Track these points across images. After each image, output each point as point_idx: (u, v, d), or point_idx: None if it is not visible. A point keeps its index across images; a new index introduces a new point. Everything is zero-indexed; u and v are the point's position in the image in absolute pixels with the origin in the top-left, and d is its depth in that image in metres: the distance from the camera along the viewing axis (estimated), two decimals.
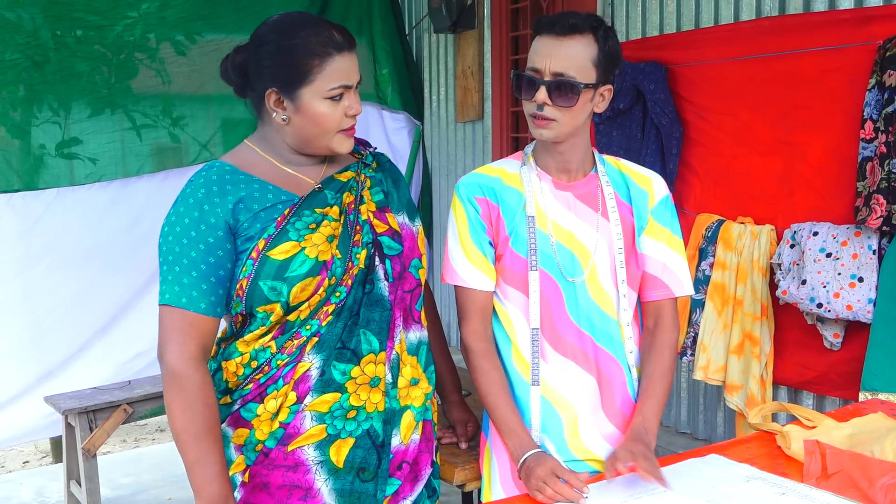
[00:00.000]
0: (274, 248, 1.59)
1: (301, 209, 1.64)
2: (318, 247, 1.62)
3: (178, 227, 1.61)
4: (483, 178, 1.86)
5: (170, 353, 1.59)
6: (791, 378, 3.08)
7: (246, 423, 1.65)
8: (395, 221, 1.75)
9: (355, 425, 1.66)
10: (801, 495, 1.46)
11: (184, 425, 1.58)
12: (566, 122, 1.74)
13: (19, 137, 3.87)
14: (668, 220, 1.87)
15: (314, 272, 1.60)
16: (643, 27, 3.64)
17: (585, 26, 1.71)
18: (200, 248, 1.59)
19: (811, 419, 1.82)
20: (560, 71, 1.70)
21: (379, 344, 1.68)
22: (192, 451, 1.58)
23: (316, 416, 1.63)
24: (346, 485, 1.66)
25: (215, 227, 1.60)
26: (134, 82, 4.11)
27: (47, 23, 3.82)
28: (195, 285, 1.59)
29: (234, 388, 1.67)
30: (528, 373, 1.82)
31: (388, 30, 4.90)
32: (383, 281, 1.70)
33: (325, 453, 1.64)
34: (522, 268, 1.81)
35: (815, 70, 2.88)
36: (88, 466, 3.59)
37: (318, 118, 1.63)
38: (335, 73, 1.61)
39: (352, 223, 1.69)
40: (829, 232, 2.80)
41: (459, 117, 4.87)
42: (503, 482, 1.89)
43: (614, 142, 3.53)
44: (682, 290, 1.87)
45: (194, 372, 1.59)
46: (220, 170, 1.66)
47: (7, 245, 3.79)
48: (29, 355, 3.85)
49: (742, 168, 3.19)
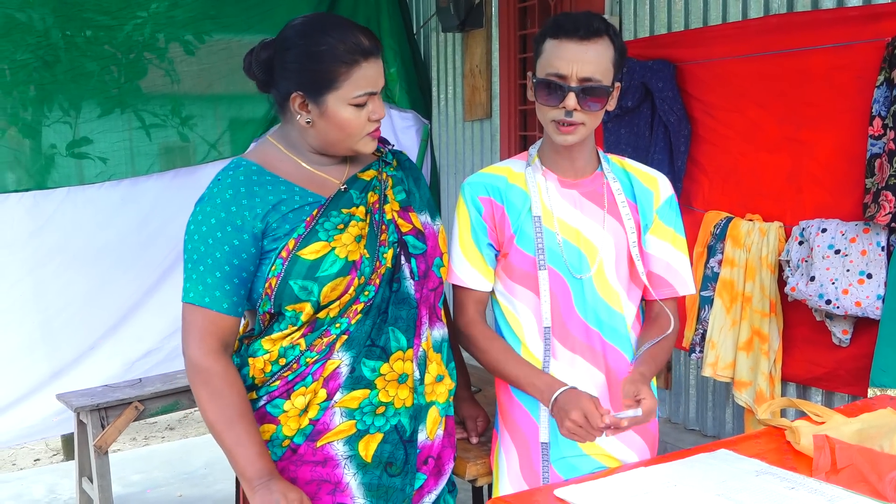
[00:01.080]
0: (304, 248, 1.61)
1: (329, 209, 1.65)
2: (348, 247, 1.63)
3: (204, 227, 1.62)
4: (488, 177, 1.88)
5: (191, 349, 1.62)
6: (800, 374, 3.08)
7: (273, 418, 1.67)
8: (419, 221, 1.77)
9: (384, 421, 1.68)
10: (810, 489, 1.46)
11: (215, 415, 1.60)
12: (591, 125, 1.77)
13: (30, 137, 3.90)
14: (672, 219, 1.88)
15: (344, 272, 1.62)
16: (651, 25, 3.64)
17: (602, 29, 1.72)
18: (226, 249, 1.61)
19: (820, 415, 1.81)
20: (588, 76, 1.70)
21: (407, 341, 1.70)
22: (228, 438, 1.60)
23: (346, 412, 1.65)
24: (374, 479, 1.68)
25: (242, 229, 1.61)
26: (143, 82, 4.15)
27: (58, 23, 3.85)
28: (219, 286, 1.61)
29: (260, 385, 1.68)
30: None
31: (396, 29, 4.92)
32: (409, 280, 1.72)
33: (354, 448, 1.66)
34: (530, 266, 1.82)
35: (823, 67, 2.88)
36: (100, 463, 3.61)
37: (343, 124, 1.63)
38: (361, 81, 1.61)
39: (377, 223, 1.70)
40: (837, 228, 2.80)
41: (467, 116, 4.88)
42: (512, 477, 1.90)
43: (622, 140, 3.54)
44: (685, 289, 1.89)
45: (215, 363, 1.62)
46: (248, 170, 1.66)
47: (18, 244, 3.82)
48: (40, 353, 3.89)
49: (750, 165, 3.19)
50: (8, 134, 3.83)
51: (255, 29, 4.22)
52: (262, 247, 1.63)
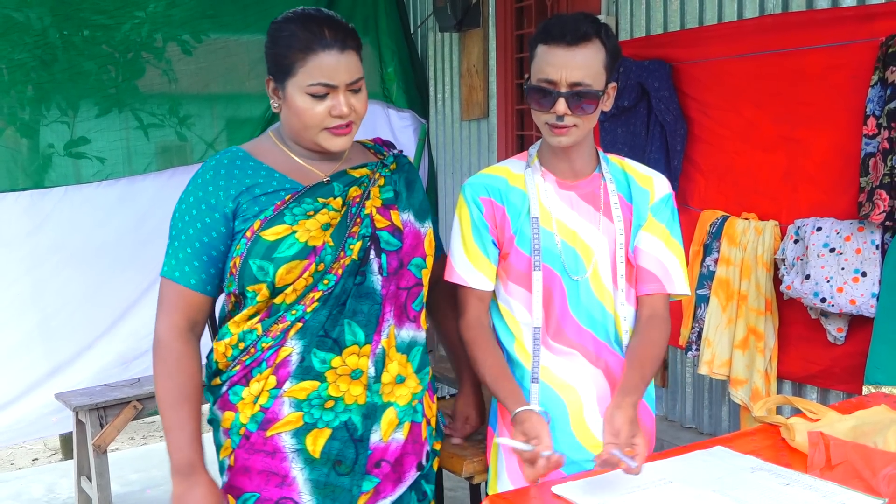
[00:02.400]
0: (267, 229, 1.62)
1: (303, 197, 1.66)
2: (311, 232, 1.63)
3: (183, 205, 1.68)
4: (488, 178, 1.88)
5: (158, 322, 1.68)
6: (795, 372, 3.10)
7: (232, 406, 1.68)
8: (399, 219, 1.75)
9: (333, 416, 1.66)
10: (805, 485, 1.47)
11: (162, 392, 1.66)
12: (584, 127, 1.77)
13: (28, 137, 3.90)
14: (666, 217, 1.86)
15: (301, 255, 1.62)
16: (647, 25, 3.65)
17: (593, 32, 1.71)
18: (198, 226, 1.66)
19: (815, 412, 1.82)
20: (577, 81, 1.70)
21: (365, 336, 1.68)
22: (168, 418, 1.65)
23: (294, 402, 1.65)
24: (322, 476, 1.66)
25: (214, 208, 1.65)
26: (141, 82, 4.14)
27: (55, 23, 3.84)
28: (188, 261, 1.66)
29: (223, 370, 1.71)
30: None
31: (393, 28, 4.92)
32: (376, 275, 1.70)
33: (302, 442, 1.65)
34: (527, 266, 1.83)
35: (818, 67, 2.89)
36: (99, 462, 3.62)
37: (298, 112, 1.64)
38: (316, 71, 1.61)
39: (352, 215, 1.69)
40: (832, 227, 2.82)
41: (465, 115, 4.89)
42: (510, 474, 1.91)
43: (619, 139, 3.55)
44: (673, 288, 1.85)
45: (176, 341, 1.67)
46: (234, 155, 1.70)
47: (16, 243, 3.81)
48: (39, 352, 3.88)
49: (746, 164, 3.20)
50: (6, 134, 3.82)
51: (252, 28, 4.23)
52: (232, 228, 1.66)
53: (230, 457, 1.69)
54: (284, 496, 1.65)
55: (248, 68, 4.31)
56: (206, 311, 1.73)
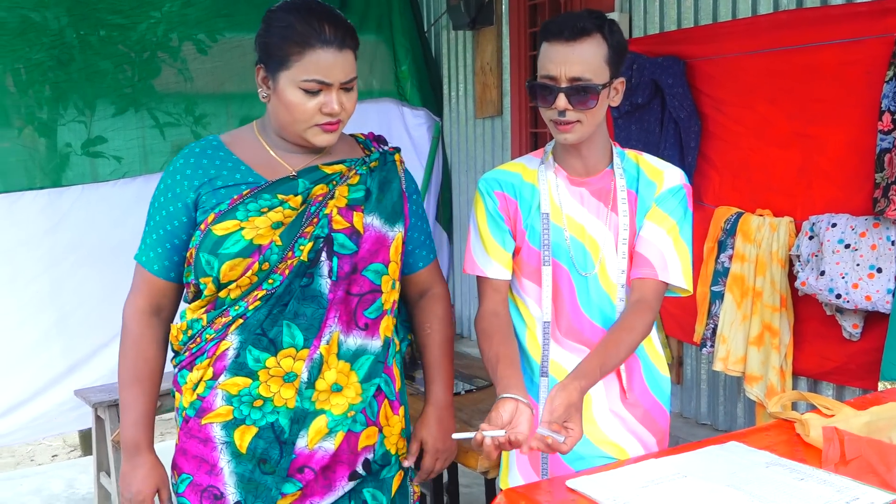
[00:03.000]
0: (218, 224, 1.62)
1: (262, 192, 1.64)
2: (259, 230, 1.62)
3: (156, 191, 1.73)
4: (502, 173, 1.90)
5: (125, 304, 1.74)
6: (811, 369, 3.09)
7: (179, 387, 1.72)
8: (361, 221, 1.70)
9: (260, 415, 1.65)
10: (819, 480, 1.47)
11: (119, 371, 1.73)
12: (589, 123, 1.76)
13: (46, 136, 3.94)
14: (672, 207, 1.82)
15: (245, 254, 1.61)
16: (661, 22, 3.64)
17: (593, 27, 1.72)
18: (163, 213, 1.70)
19: (830, 408, 1.81)
20: (576, 76, 1.71)
21: (304, 340, 1.65)
22: (122, 397, 1.73)
23: (226, 396, 1.65)
24: (247, 472, 1.66)
25: (178, 197, 1.68)
26: (157, 81, 4.17)
27: (72, 23, 3.88)
28: (154, 247, 1.71)
29: (177, 352, 1.74)
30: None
31: (407, 27, 4.93)
32: (325, 278, 1.66)
33: (231, 435, 1.66)
34: (537, 261, 1.85)
35: (832, 63, 2.88)
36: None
37: (289, 105, 1.62)
38: (312, 67, 1.59)
39: (310, 214, 1.66)
40: (847, 223, 2.81)
41: (478, 113, 4.89)
42: (521, 468, 1.93)
43: (633, 136, 3.55)
44: (667, 277, 1.79)
45: (136, 323, 1.72)
46: (207, 144, 1.72)
47: (34, 241, 3.85)
48: (57, 349, 3.92)
49: (760, 161, 3.19)
50: (24, 133, 3.87)
51: None
52: (194, 218, 1.67)
53: (177, 435, 1.74)
54: (212, 484, 1.67)
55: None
56: (171, 297, 1.75)
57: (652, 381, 1.91)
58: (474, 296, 5.43)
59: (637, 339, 1.75)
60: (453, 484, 2.87)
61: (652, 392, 1.90)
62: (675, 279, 1.80)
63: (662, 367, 1.94)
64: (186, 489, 1.69)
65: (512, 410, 1.58)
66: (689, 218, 1.85)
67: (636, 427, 1.89)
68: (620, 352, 1.72)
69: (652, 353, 1.92)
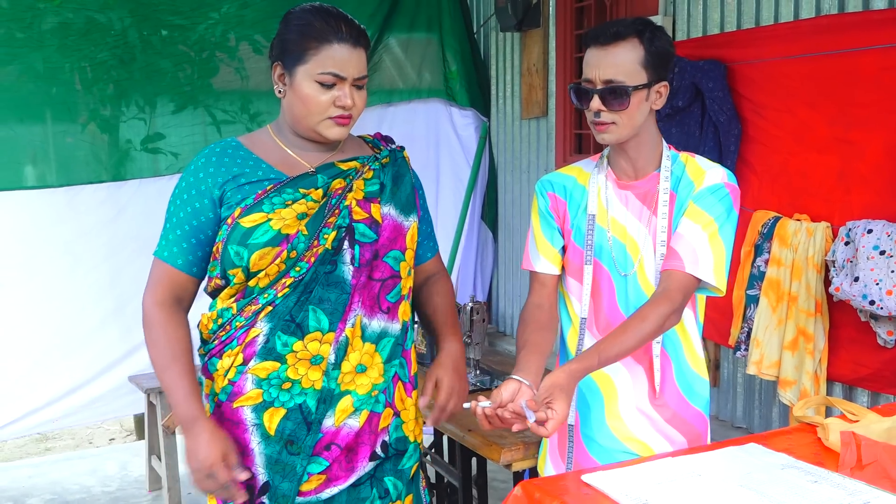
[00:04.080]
0: (245, 217, 1.69)
1: (284, 187, 1.72)
2: (285, 220, 1.69)
3: (177, 190, 1.77)
4: (557, 176, 1.99)
5: (145, 298, 1.77)
6: (845, 375, 3.07)
7: (210, 374, 1.78)
8: (379, 212, 1.79)
9: (288, 397, 1.72)
10: (833, 484, 1.47)
11: (153, 359, 1.75)
12: (624, 124, 1.80)
13: (108, 132, 4.09)
14: (710, 204, 1.80)
15: (274, 243, 1.69)
16: (704, 25, 3.64)
17: (629, 32, 1.77)
18: (188, 210, 1.74)
19: (855, 413, 1.79)
20: (609, 78, 1.77)
21: (329, 324, 1.73)
22: (163, 381, 1.73)
23: (255, 380, 1.72)
24: (275, 454, 1.73)
25: (203, 194, 1.73)
26: (214, 80, 4.31)
27: (134, 23, 4.04)
28: (177, 242, 1.75)
29: (206, 341, 1.80)
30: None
31: (456, 28, 5.00)
32: (348, 265, 1.75)
33: (260, 418, 1.73)
34: (580, 260, 1.92)
35: (874, 68, 2.85)
36: (168, 443, 3.79)
37: (304, 99, 1.70)
38: (328, 60, 1.68)
39: (331, 206, 1.74)
40: (883, 230, 2.78)
41: (525, 114, 4.93)
42: (552, 459, 2.00)
43: (673, 139, 3.55)
44: (695, 270, 1.77)
45: (159, 311, 1.75)
46: (227, 145, 1.78)
47: (95, 232, 4.02)
48: (114, 335, 4.08)
49: (799, 165, 3.17)
50: (87, 129, 4.03)
51: None
52: (219, 214, 1.73)
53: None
54: (244, 465, 1.73)
55: None
56: (190, 291, 1.80)
57: (684, 383, 1.91)
58: (517, 294, 5.47)
59: (649, 329, 1.72)
60: (482, 477, 2.92)
61: (684, 394, 1.91)
62: (704, 274, 1.77)
63: (700, 369, 1.93)
64: None
65: (513, 390, 1.68)
66: (732, 218, 1.83)
67: (664, 427, 1.90)
68: (626, 340, 1.72)
69: (690, 355, 1.92)
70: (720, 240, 1.80)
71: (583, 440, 1.95)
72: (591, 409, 1.93)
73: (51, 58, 3.88)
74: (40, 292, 3.93)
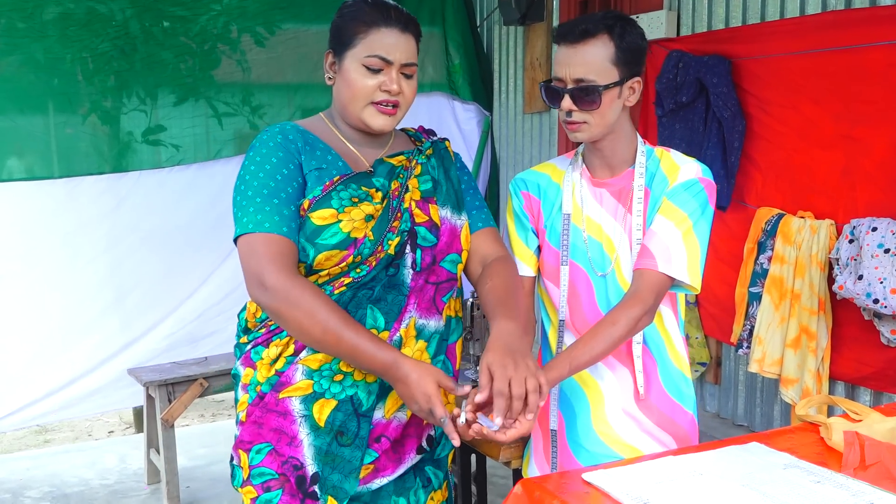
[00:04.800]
0: (315, 211, 1.65)
1: (350, 181, 1.70)
2: (355, 223, 1.66)
3: (254, 165, 1.66)
4: (530, 174, 1.96)
5: (266, 275, 1.58)
6: (848, 373, 3.06)
7: (252, 364, 1.73)
8: (437, 214, 1.77)
9: (340, 388, 1.70)
10: (836, 484, 1.46)
11: (321, 331, 1.58)
12: (596, 123, 1.78)
13: (109, 124, 4.08)
14: (683, 201, 1.78)
15: (342, 246, 1.66)
16: (709, 20, 3.62)
17: (598, 29, 1.74)
18: (277, 178, 1.65)
19: (858, 413, 1.78)
20: (579, 77, 1.74)
21: (385, 323, 1.70)
22: (342, 346, 1.59)
23: (306, 371, 1.69)
24: (325, 445, 1.70)
25: (290, 158, 1.67)
26: (216, 72, 4.30)
27: (136, 14, 4.02)
28: (277, 211, 1.62)
29: (251, 329, 1.76)
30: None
31: (460, 22, 4.99)
32: (409, 269, 1.73)
33: (309, 409, 1.70)
34: (556, 261, 1.89)
35: (880, 64, 2.84)
36: (167, 436, 3.79)
37: (350, 82, 1.69)
38: (376, 44, 1.68)
39: (393, 209, 1.72)
40: (888, 227, 2.77)
41: (527, 108, 4.91)
42: (537, 461, 1.99)
43: (677, 134, 3.54)
44: (668, 269, 1.74)
45: (299, 282, 1.60)
46: (294, 128, 1.74)
47: (94, 223, 4.01)
48: (114, 327, 4.09)
49: (804, 162, 3.16)
50: (88, 121, 4.02)
51: (324, 18, 4.28)
52: (304, 182, 1.67)
53: (244, 412, 1.74)
54: (293, 455, 1.70)
55: (319, 58, 4.41)
56: (297, 260, 1.66)
57: (669, 382, 1.90)
58: None
59: (620, 333, 1.70)
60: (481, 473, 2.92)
61: (669, 394, 1.90)
62: (677, 273, 1.74)
63: (683, 367, 1.93)
64: (266, 458, 1.71)
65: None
66: (707, 214, 1.80)
67: (651, 428, 1.89)
68: (597, 345, 1.69)
69: (673, 354, 1.91)
70: (694, 237, 1.77)
71: (569, 445, 1.92)
72: (578, 416, 1.90)
73: (52, 48, 3.87)
74: (40, 283, 3.93)
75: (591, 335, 1.70)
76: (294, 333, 1.64)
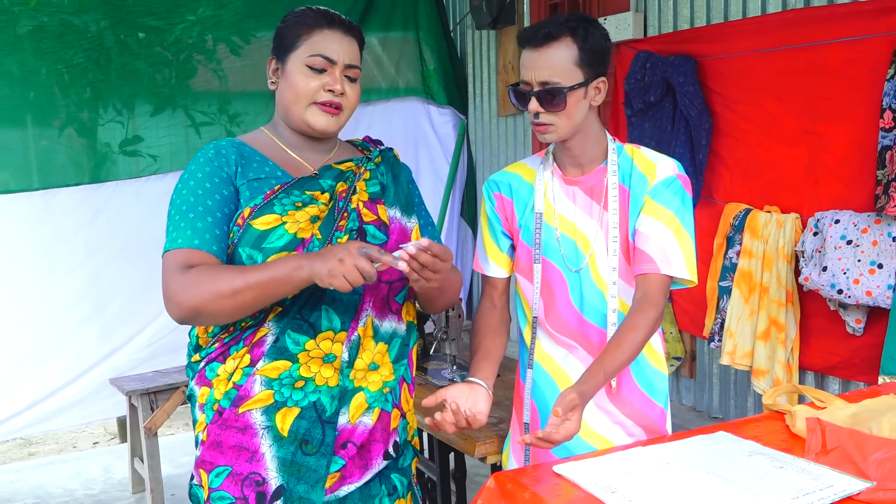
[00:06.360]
0: (257, 218, 1.64)
1: (292, 188, 1.68)
2: (300, 224, 1.65)
3: (191, 182, 1.66)
4: (502, 175, 2.00)
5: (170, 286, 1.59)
6: (817, 363, 3.12)
7: (208, 382, 1.70)
8: (386, 214, 1.77)
9: (302, 395, 1.66)
10: (798, 469, 1.50)
11: (229, 289, 1.55)
12: (563, 124, 1.81)
13: (86, 136, 4.08)
14: (667, 199, 1.82)
15: (290, 247, 1.63)
16: (675, 20, 3.67)
17: (561, 32, 1.77)
18: (216, 197, 1.65)
19: (823, 400, 1.82)
20: (544, 79, 1.77)
21: (341, 323, 1.69)
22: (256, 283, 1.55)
23: (265, 381, 1.65)
24: (289, 455, 1.66)
25: (226, 182, 1.67)
26: (192, 81, 4.30)
27: (110, 26, 4.02)
28: (209, 230, 1.62)
29: (203, 347, 1.72)
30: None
31: (433, 27, 5.03)
32: None
33: (272, 419, 1.65)
34: (529, 259, 1.93)
35: (838, 61, 2.90)
36: (150, 444, 3.80)
37: (293, 84, 1.70)
38: (319, 44, 1.69)
39: (340, 209, 1.72)
40: (850, 220, 2.83)
41: (501, 111, 4.96)
42: (515, 454, 2.03)
43: (646, 133, 3.59)
44: (670, 269, 1.80)
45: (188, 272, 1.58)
46: (230, 143, 1.73)
47: (71, 235, 4.00)
48: (94, 337, 4.08)
49: (769, 158, 3.21)
50: (65, 133, 4.02)
51: None
52: (235, 194, 1.67)
53: (203, 432, 1.70)
54: (254, 471, 1.65)
55: None
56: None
57: (642, 377, 1.93)
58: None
59: (642, 336, 1.76)
60: (460, 470, 2.95)
61: (641, 388, 1.93)
62: (678, 271, 1.80)
63: (656, 361, 1.96)
64: (224, 482, 1.66)
65: (461, 391, 1.77)
66: (688, 207, 1.85)
67: (622, 419, 1.93)
68: (625, 352, 1.75)
69: (649, 352, 1.94)
70: (685, 232, 1.83)
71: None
72: (550, 408, 1.93)
73: (26, 61, 3.87)
74: (18, 296, 3.92)
75: (617, 343, 1.76)
76: (214, 313, 1.59)
